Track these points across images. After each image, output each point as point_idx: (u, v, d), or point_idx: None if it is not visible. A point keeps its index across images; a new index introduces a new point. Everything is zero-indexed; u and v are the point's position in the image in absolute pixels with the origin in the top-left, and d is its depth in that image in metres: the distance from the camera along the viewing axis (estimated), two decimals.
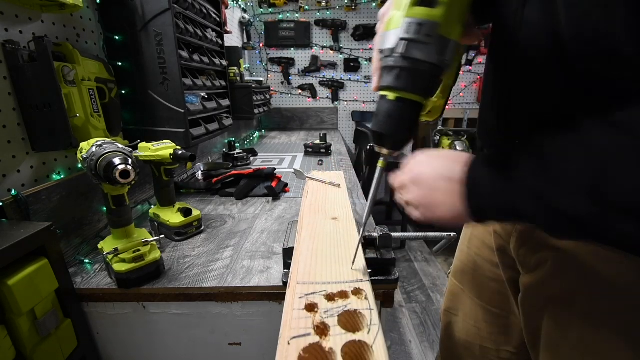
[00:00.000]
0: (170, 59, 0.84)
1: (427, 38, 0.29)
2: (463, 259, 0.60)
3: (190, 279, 0.59)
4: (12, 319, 0.44)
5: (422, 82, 0.31)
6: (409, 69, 0.30)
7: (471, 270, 0.58)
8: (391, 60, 0.31)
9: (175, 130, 0.90)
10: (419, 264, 2.28)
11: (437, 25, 0.29)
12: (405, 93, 0.31)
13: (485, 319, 0.56)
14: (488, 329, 0.56)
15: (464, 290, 0.60)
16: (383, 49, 0.32)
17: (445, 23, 0.29)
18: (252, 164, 1.46)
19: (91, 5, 0.77)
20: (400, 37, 0.30)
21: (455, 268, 0.63)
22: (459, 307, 0.61)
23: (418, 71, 0.30)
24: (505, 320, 0.54)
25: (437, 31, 0.29)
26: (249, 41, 2.47)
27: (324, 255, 0.43)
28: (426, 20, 0.29)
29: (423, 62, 0.30)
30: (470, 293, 0.59)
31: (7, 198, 0.53)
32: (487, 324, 0.56)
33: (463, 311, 0.61)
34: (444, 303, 0.66)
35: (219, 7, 1.19)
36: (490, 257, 0.54)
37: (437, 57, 0.29)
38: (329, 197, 0.68)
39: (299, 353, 0.27)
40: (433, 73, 0.30)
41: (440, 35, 0.29)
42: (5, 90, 0.56)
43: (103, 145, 0.52)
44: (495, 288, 0.54)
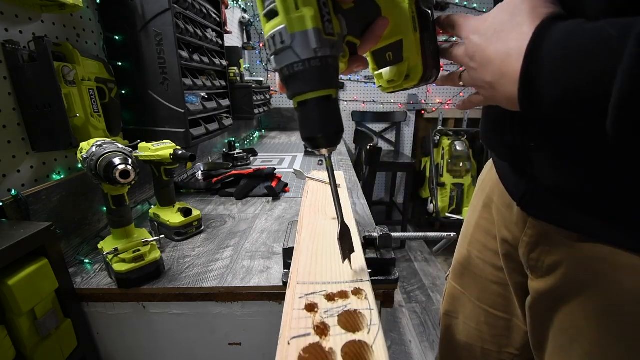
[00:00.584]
0: (170, 59, 0.84)
1: (282, 45, 0.30)
2: (463, 262, 0.60)
3: (190, 279, 0.59)
4: (12, 319, 0.44)
5: (311, 78, 0.32)
6: (290, 76, 0.32)
7: (472, 273, 0.58)
8: (280, 77, 0.33)
9: (175, 130, 0.90)
10: (419, 264, 2.28)
11: (284, 29, 0.30)
12: (302, 95, 0.33)
13: (487, 321, 0.56)
14: (490, 331, 0.56)
15: (464, 293, 0.59)
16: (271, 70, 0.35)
17: (289, 23, 0.30)
18: (252, 164, 1.46)
19: (91, 5, 0.77)
20: (269, 55, 0.33)
21: (455, 270, 0.63)
22: (459, 309, 0.61)
23: (296, 73, 0.31)
24: (507, 323, 0.53)
25: (287, 33, 0.30)
26: (249, 41, 2.47)
27: (324, 255, 0.43)
28: (275, 31, 0.31)
29: (294, 64, 0.31)
30: (471, 295, 0.58)
31: (7, 198, 0.53)
32: (489, 326, 0.56)
33: (463, 313, 0.60)
34: (443, 306, 0.66)
35: (219, 7, 1.19)
36: (492, 260, 0.53)
37: (303, 52, 0.30)
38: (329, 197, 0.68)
39: (299, 353, 0.27)
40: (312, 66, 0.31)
41: (293, 34, 0.30)
42: (5, 90, 0.56)
43: (103, 145, 0.52)
44: (497, 291, 0.53)
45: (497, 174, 0.52)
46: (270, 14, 0.31)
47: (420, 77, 0.45)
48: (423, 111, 2.83)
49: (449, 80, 0.45)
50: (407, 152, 2.93)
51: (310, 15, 0.30)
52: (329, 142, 0.34)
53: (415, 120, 2.87)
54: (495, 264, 0.53)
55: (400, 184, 2.95)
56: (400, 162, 2.47)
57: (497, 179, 0.51)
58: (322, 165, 1.44)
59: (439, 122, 2.81)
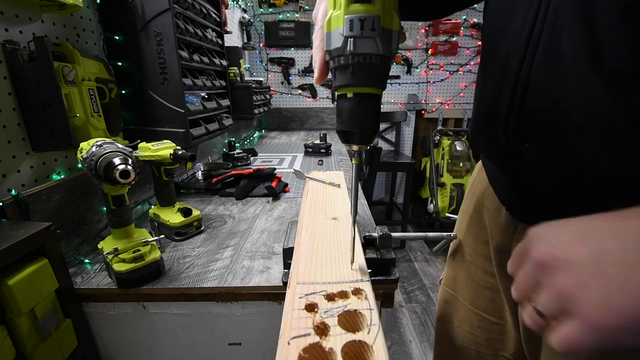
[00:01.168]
0: (170, 59, 0.84)
1: (371, 32, 0.30)
2: (455, 267, 0.59)
3: (190, 279, 0.59)
4: (12, 319, 0.44)
5: (376, 75, 0.32)
6: (361, 65, 0.31)
7: (464, 277, 0.57)
8: (342, 60, 0.32)
9: (175, 130, 0.90)
10: (419, 264, 2.28)
11: (378, 18, 0.29)
12: (362, 88, 0.32)
13: (480, 325, 0.55)
14: (483, 335, 0.55)
15: (457, 297, 0.59)
16: (330, 49, 0.32)
17: (384, 15, 0.30)
18: (252, 164, 1.46)
19: (91, 5, 0.77)
20: (345, 36, 0.31)
21: (447, 276, 0.62)
22: (453, 313, 0.61)
23: (371, 65, 0.31)
24: (501, 328, 0.53)
25: (379, 24, 0.30)
26: (249, 41, 2.47)
27: (324, 255, 0.43)
28: (367, 15, 0.29)
29: (373, 56, 0.30)
30: (464, 300, 0.58)
31: (7, 198, 0.53)
32: (483, 330, 0.55)
33: (457, 317, 0.60)
34: (437, 310, 0.65)
35: (219, 7, 1.19)
36: (483, 265, 0.53)
37: (384, 48, 0.30)
38: (329, 197, 0.68)
39: (299, 353, 0.27)
40: (384, 64, 0.31)
41: (383, 27, 0.30)
42: (5, 90, 0.56)
43: (103, 145, 0.52)
44: (489, 296, 0.53)
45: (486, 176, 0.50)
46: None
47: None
48: (423, 111, 2.83)
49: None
50: (407, 152, 2.93)
51: (398, 21, 0.31)
52: (365, 139, 0.35)
53: (415, 120, 2.87)
54: (486, 269, 0.52)
55: (400, 184, 2.95)
56: (400, 162, 2.47)
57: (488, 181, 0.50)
58: (322, 165, 1.44)
59: (439, 122, 2.81)
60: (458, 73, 2.73)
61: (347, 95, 0.33)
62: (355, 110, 0.33)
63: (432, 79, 2.75)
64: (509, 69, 0.35)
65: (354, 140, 0.35)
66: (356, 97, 0.33)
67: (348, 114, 0.33)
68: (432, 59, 2.70)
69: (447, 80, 2.75)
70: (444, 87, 2.77)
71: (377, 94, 0.33)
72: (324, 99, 2.77)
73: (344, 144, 0.36)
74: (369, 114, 0.33)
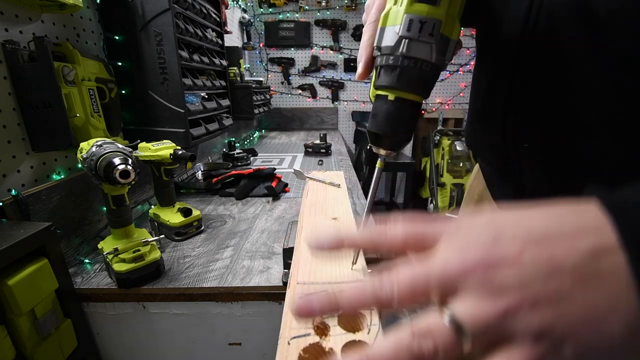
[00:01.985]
0: (170, 59, 0.84)
1: (429, 37, 0.28)
2: None
3: (190, 279, 0.59)
4: (12, 319, 0.44)
5: (423, 83, 0.30)
6: (410, 69, 0.29)
7: None
8: (391, 59, 0.30)
9: (175, 130, 0.90)
10: None
11: (440, 23, 0.28)
12: (406, 93, 0.31)
13: None
14: None
15: None
16: (381, 46, 0.31)
17: (446, 21, 0.28)
18: (252, 164, 1.46)
19: (91, 5, 0.77)
20: (400, 35, 0.29)
21: None
22: None
23: (420, 71, 0.29)
24: None
25: (439, 30, 0.28)
26: (249, 41, 2.47)
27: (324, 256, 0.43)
28: (428, 18, 0.28)
29: (425, 62, 0.29)
30: None
31: (7, 198, 0.53)
32: None
33: None
34: None
35: (219, 7, 1.19)
36: None
37: (438, 57, 0.29)
38: (329, 197, 0.67)
39: (299, 353, 0.27)
40: (434, 73, 0.30)
41: (442, 35, 0.28)
42: (5, 90, 0.56)
43: (103, 145, 0.52)
44: None
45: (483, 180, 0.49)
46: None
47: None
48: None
49: None
50: (407, 152, 2.93)
51: (458, 30, 0.29)
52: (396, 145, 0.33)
53: None
54: None
55: (400, 184, 2.95)
56: (400, 162, 2.47)
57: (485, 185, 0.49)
58: (322, 165, 1.44)
59: (439, 122, 2.81)
60: (458, 73, 2.73)
61: (387, 97, 0.31)
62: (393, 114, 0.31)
63: None
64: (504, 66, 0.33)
65: (384, 144, 0.33)
66: (397, 101, 0.31)
67: (384, 117, 0.32)
68: None
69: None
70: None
71: (418, 102, 0.31)
72: (324, 99, 2.77)
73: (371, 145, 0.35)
74: (406, 121, 0.32)
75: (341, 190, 0.73)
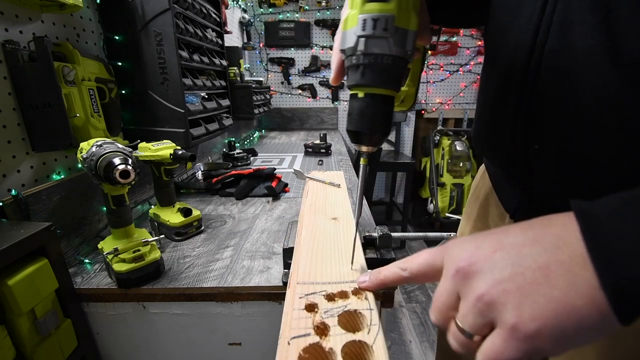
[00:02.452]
0: (170, 59, 0.84)
1: (384, 32, 0.29)
2: None
3: (190, 279, 0.59)
4: (12, 319, 0.44)
5: (388, 76, 0.31)
6: (372, 65, 0.30)
7: None
8: (354, 59, 0.31)
9: (175, 130, 0.90)
10: None
11: (392, 18, 0.29)
12: (374, 88, 0.32)
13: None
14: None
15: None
16: (344, 48, 0.32)
17: (399, 15, 0.29)
18: (252, 164, 1.46)
19: (91, 5, 0.77)
20: (357, 35, 0.30)
21: None
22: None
23: (382, 65, 0.30)
24: None
25: (393, 24, 0.29)
26: (249, 41, 2.47)
27: (324, 255, 0.43)
28: (380, 15, 0.29)
29: (385, 56, 0.30)
30: None
31: (7, 198, 0.53)
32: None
33: None
34: None
35: (219, 7, 1.19)
36: None
37: (397, 49, 0.30)
38: (329, 197, 0.68)
39: (299, 353, 0.27)
40: (397, 65, 0.31)
41: (397, 27, 0.29)
42: (5, 90, 0.56)
43: (103, 145, 0.52)
44: None
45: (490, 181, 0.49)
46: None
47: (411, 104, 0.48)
48: (423, 111, 2.83)
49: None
50: (407, 152, 2.93)
51: (416, 20, 0.30)
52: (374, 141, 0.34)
53: (415, 120, 2.87)
54: None
55: (400, 184, 2.95)
56: (400, 162, 2.47)
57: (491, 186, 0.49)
58: (322, 165, 1.44)
59: (439, 122, 2.81)
60: (458, 73, 2.73)
61: (357, 95, 0.33)
62: (365, 110, 0.32)
63: (432, 79, 2.75)
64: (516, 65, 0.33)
65: (363, 141, 0.34)
66: (367, 97, 0.32)
67: (358, 114, 0.33)
68: (432, 59, 2.70)
69: (447, 80, 2.75)
70: (444, 87, 2.77)
71: (389, 95, 0.32)
72: (324, 99, 2.77)
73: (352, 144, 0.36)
74: (380, 116, 0.33)
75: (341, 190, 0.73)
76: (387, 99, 0.32)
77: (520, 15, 0.33)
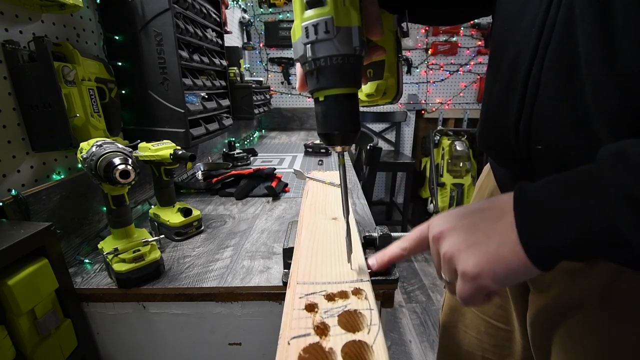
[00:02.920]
0: (170, 59, 0.84)
1: (326, 34, 0.30)
2: None
3: (190, 279, 0.59)
4: (12, 319, 0.44)
5: (342, 75, 0.32)
6: (324, 68, 0.31)
7: None
8: (307, 66, 0.32)
9: (175, 130, 0.90)
10: (419, 264, 2.28)
11: (331, 19, 0.30)
12: (331, 90, 0.32)
13: (487, 331, 0.55)
14: (490, 341, 0.55)
15: None
16: (297, 58, 0.33)
17: (338, 15, 0.30)
18: (252, 164, 1.46)
19: (91, 5, 0.77)
20: (304, 43, 0.31)
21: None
22: (459, 319, 0.60)
23: (333, 66, 0.31)
24: (508, 334, 0.52)
25: (333, 25, 0.30)
26: (249, 41, 2.47)
27: (324, 255, 0.43)
28: (319, 19, 0.30)
29: (333, 57, 0.31)
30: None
31: (7, 198, 0.53)
32: (489, 336, 0.54)
33: (463, 323, 0.59)
34: (442, 318, 0.64)
35: (219, 7, 1.19)
36: None
37: (344, 47, 0.30)
38: (329, 197, 0.68)
39: (299, 353, 0.27)
40: (348, 62, 0.31)
41: (339, 27, 0.30)
42: (5, 90, 0.56)
43: (103, 145, 0.52)
44: (498, 302, 0.52)
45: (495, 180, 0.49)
46: (314, 2, 0.31)
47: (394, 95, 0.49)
48: (423, 111, 2.83)
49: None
50: (407, 152, 2.93)
51: (356, 14, 0.31)
52: (345, 140, 0.35)
53: (415, 120, 2.87)
54: None
55: (400, 184, 2.95)
56: (400, 162, 2.47)
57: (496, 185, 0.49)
58: (322, 165, 1.44)
59: (439, 122, 2.81)
60: (458, 73, 2.73)
61: (319, 99, 0.33)
62: (328, 112, 0.33)
63: (432, 79, 2.75)
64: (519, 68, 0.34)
65: (335, 141, 0.35)
66: (327, 99, 0.33)
67: (323, 117, 0.34)
68: (432, 59, 2.70)
69: (447, 80, 2.75)
70: (444, 87, 2.77)
71: (349, 93, 0.33)
72: None
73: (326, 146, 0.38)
74: (344, 114, 0.33)
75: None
76: (348, 97, 0.33)
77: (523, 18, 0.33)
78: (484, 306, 0.54)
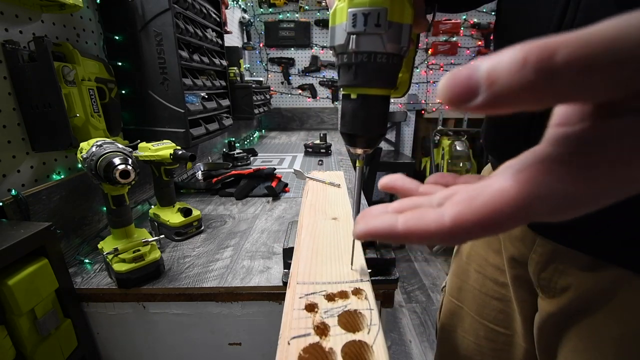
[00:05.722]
0: (170, 59, 0.84)
1: (376, 28, 0.26)
2: (461, 275, 0.58)
3: (190, 279, 0.59)
4: (12, 319, 0.44)
5: (382, 75, 0.29)
6: (365, 64, 0.28)
7: (471, 287, 0.55)
8: (345, 58, 0.29)
9: (175, 130, 0.90)
10: (419, 264, 2.28)
11: (385, 11, 0.26)
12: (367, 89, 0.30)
13: (487, 336, 0.54)
14: (489, 346, 0.54)
15: (463, 307, 0.57)
16: (334, 45, 0.29)
17: (392, 7, 0.26)
18: (252, 164, 1.46)
19: (91, 5, 0.77)
20: (348, 32, 0.27)
21: (452, 284, 0.60)
22: (457, 323, 0.59)
23: (375, 64, 0.28)
24: (508, 338, 0.52)
25: (386, 18, 0.26)
26: (249, 41, 2.47)
27: (324, 255, 0.43)
28: (372, 9, 0.26)
29: (378, 54, 0.28)
30: (469, 310, 0.56)
31: (7, 198, 0.53)
32: (488, 340, 0.54)
33: (462, 327, 0.58)
34: (440, 321, 0.64)
35: (219, 7, 1.19)
36: (494, 275, 0.51)
37: (392, 45, 0.27)
38: (329, 197, 0.68)
39: (299, 353, 0.27)
40: (392, 63, 0.28)
41: (391, 22, 0.26)
42: (5, 90, 0.56)
43: (103, 145, 0.52)
44: (498, 307, 0.52)
45: None
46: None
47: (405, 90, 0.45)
48: (423, 111, 2.83)
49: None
50: (407, 152, 2.93)
51: (410, 12, 0.27)
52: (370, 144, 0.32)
53: (415, 120, 2.87)
54: (496, 280, 0.51)
55: None
56: (400, 162, 2.47)
57: None
58: (322, 165, 1.44)
59: (439, 122, 2.81)
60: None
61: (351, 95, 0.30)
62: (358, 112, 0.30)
63: (432, 79, 2.75)
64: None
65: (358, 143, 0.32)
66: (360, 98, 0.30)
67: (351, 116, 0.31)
68: (432, 59, 2.70)
69: None
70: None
71: (383, 95, 0.30)
72: (324, 99, 2.77)
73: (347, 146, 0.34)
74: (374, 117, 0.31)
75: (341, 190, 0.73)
76: (382, 99, 0.30)
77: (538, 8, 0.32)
78: (484, 310, 0.54)
